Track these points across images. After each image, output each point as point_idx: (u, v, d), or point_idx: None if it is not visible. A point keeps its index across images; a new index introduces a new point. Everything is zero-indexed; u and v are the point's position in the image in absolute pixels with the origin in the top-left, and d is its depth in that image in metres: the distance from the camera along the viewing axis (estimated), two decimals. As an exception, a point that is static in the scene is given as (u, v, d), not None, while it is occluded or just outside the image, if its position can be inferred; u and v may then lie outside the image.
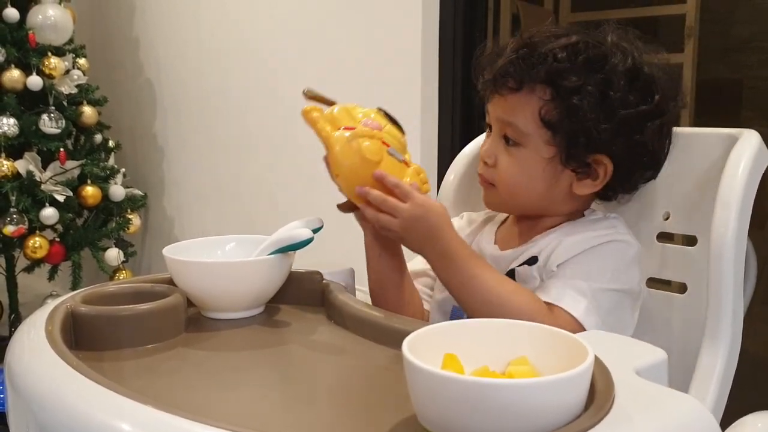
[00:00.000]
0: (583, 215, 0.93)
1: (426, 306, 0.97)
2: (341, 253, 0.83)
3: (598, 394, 0.51)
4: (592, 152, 0.86)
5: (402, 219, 0.81)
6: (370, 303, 0.89)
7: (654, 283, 0.95)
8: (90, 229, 2.31)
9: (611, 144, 0.85)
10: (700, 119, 2.78)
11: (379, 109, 0.87)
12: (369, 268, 0.91)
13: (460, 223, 1.03)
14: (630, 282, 0.85)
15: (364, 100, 0.80)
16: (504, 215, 1.00)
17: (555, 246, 0.86)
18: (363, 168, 0.82)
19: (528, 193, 0.89)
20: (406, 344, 0.51)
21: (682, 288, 0.94)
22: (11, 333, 2.34)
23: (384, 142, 0.84)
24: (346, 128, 0.83)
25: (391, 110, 0.87)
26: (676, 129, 0.93)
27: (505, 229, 0.98)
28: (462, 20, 1.70)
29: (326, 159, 0.84)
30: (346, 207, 0.88)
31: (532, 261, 0.87)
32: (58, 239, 2.22)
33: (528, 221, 0.93)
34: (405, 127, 0.88)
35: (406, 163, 0.86)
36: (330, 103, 0.86)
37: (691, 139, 0.95)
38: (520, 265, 0.88)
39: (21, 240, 2.12)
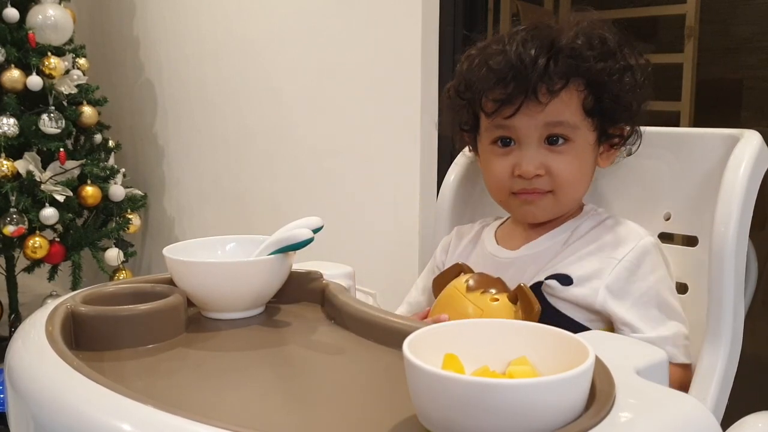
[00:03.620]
0: (581, 210, 0.95)
1: None
2: (341, 253, 0.83)
3: (599, 394, 0.51)
4: (625, 122, 0.90)
5: None
6: (371, 303, 0.89)
7: (654, 283, 0.95)
8: (90, 229, 2.31)
9: (639, 110, 0.89)
10: (700, 119, 2.78)
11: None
12: None
13: (446, 240, 1.04)
14: (669, 276, 0.89)
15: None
16: (501, 220, 1.01)
17: (592, 270, 0.86)
18: None
19: (583, 183, 0.91)
20: (407, 344, 0.51)
21: (682, 288, 0.94)
22: (11, 333, 2.34)
23: None
24: None
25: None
26: (676, 129, 0.96)
27: (505, 229, 0.98)
28: (462, 20, 1.70)
29: None
30: None
31: (565, 280, 0.86)
32: (58, 239, 2.22)
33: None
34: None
35: None
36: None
37: (691, 139, 0.95)
38: (549, 278, 0.87)
39: (21, 240, 2.12)
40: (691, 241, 0.94)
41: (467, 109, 0.94)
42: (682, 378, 0.84)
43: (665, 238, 0.96)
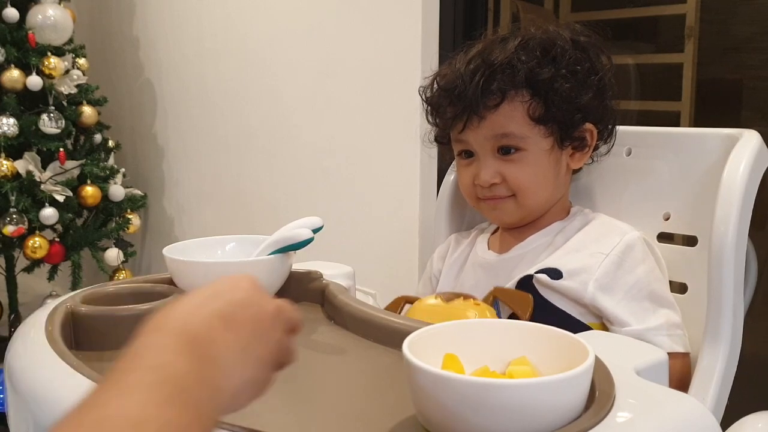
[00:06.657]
0: (568, 212, 0.97)
1: None
2: (341, 253, 0.83)
3: (599, 394, 0.51)
4: (583, 124, 0.92)
5: None
6: (371, 303, 0.89)
7: (654, 283, 0.95)
8: (90, 229, 2.31)
9: (596, 109, 0.91)
10: (700, 119, 2.78)
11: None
12: None
13: (442, 248, 1.06)
14: (658, 268, 0.90)
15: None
16: (494, 226, 1.03)
17: (581, 265, 0.87)
18: None
19: (544, 187, 0.93)
20: (407, 344, 0.51)
21: (682, 288, 0.94)
22: (11, 333, 2.34)
23: None
24: None
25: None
26: (675, 129, 0.97)
27: (497, 235, 1.02)
28: (462, 20, 1.70)
29: None
30: None
31: (554, 274, 0.88)
32: (57, 239, 2.22)
33: (519, 227, 0.97)
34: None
35: None
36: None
37: (691, 139, 0.95)
38: (539, 272, 0.89)
39: (21, 240, 2.12)
40: (690, 241, 0.94)
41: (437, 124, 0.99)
42: (682, 368, 0.85)
43: (665, 238, 0.96)
